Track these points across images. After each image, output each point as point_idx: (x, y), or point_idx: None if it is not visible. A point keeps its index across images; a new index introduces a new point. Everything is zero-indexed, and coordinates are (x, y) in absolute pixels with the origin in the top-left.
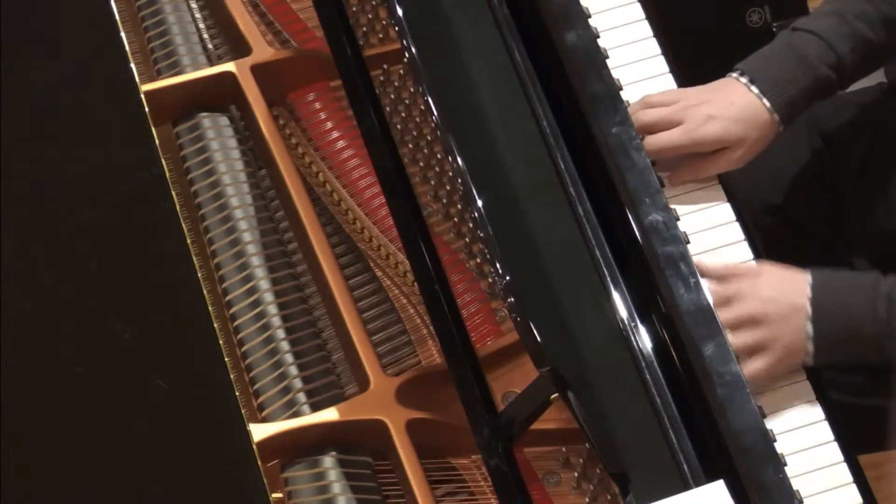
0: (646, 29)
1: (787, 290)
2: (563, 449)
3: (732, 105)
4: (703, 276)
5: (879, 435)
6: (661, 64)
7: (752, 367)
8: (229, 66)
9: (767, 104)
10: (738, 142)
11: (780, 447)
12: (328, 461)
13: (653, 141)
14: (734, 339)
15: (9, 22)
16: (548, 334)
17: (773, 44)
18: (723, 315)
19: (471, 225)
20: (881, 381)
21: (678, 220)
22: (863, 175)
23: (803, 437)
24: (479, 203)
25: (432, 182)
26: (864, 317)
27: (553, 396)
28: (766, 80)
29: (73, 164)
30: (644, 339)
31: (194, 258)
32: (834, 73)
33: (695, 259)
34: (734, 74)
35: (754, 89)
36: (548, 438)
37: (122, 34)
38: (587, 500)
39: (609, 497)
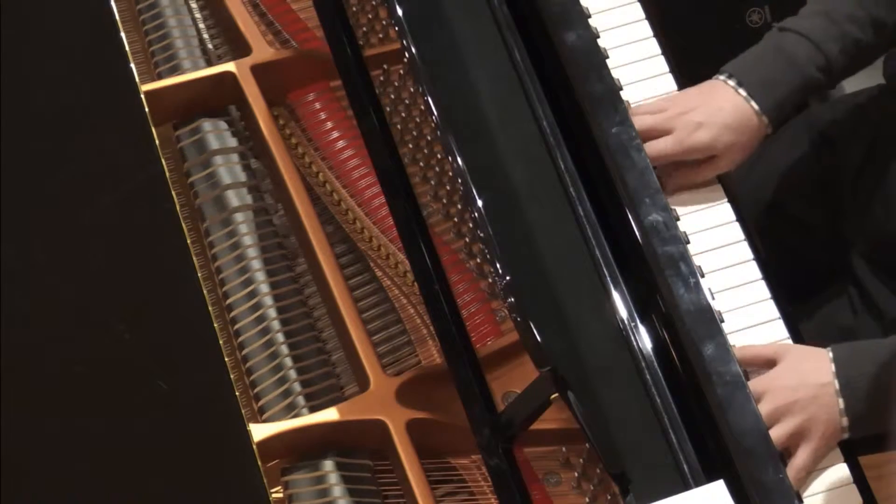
0: (646, 29)
1: (810, 369)
2: (563, 449)
3: (721, 110)
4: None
5: (878, 437)
6: (661, 64)
7: (798, 458)
8: (229, 66)
9: (756, 107)
10: (727, 148)
11: None
12: (328, 465)
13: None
14: (773, 436)
15: (9, 22)
16: (548, 334)
17: (760, 45)
18: None
19: (471, 225)
20: None
21: (678, 220)
22: (862, 175)
23: None
24: (479, 203)
25: (432, 182)
26: (893, 382)
27: (553, 396)
28: (755, 83)
29: (73, 164)
30: (644, 339)
31: (194, 258)
32: (822, 75)
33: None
34: (722, 77)
35: (742, 92)
36: (548, 438)
37: (122, 34)
38: (587, 500)
39: (609, 497)
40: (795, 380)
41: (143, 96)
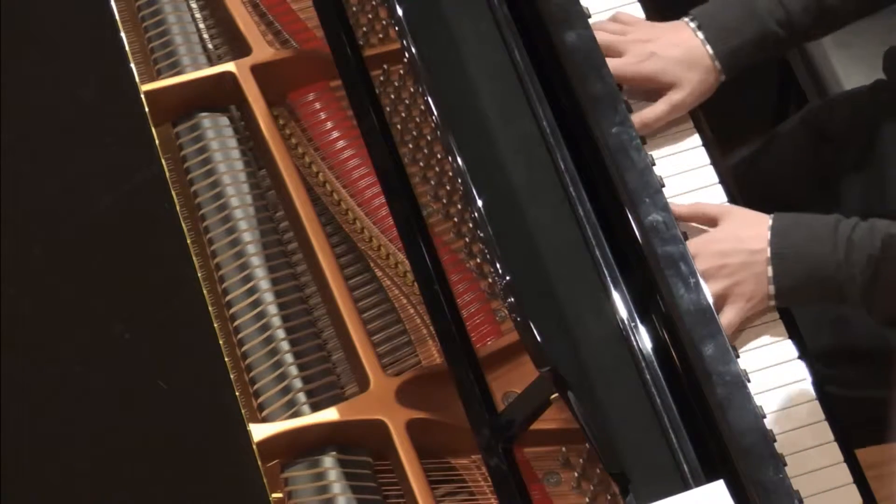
0: None
1: (747, 236)
2: (563, 449)
3: (676, 47)
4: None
5: (877, 428)
6: None
7: (723, 318)
8: (229, 66)
9: (710, 51)
10: (674, 83)
11: (780, 447)
12: (328, 461)
13: None
14: None
15: (8, 22)
16: (548, 334)
17: None
18: None
19: (471, 225)
20: (876, 373)
21: (678, 219)
22: (859, 172)
23: (803, 437)
24: (479, 203)
25: (432, 182)
26: (824, 259)
27: (553, 396)
28: (713, 28)
29: (73, 164)
30: (644, 339)
31: (194, 258)
32: (782, 31)
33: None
34: (685, 19)
35: (700, 35)
36: (548, 438)
37: (122, 34)
38: (587, 500)
39: (609, 497)
40: (730, 245)
41: (143, 96)
